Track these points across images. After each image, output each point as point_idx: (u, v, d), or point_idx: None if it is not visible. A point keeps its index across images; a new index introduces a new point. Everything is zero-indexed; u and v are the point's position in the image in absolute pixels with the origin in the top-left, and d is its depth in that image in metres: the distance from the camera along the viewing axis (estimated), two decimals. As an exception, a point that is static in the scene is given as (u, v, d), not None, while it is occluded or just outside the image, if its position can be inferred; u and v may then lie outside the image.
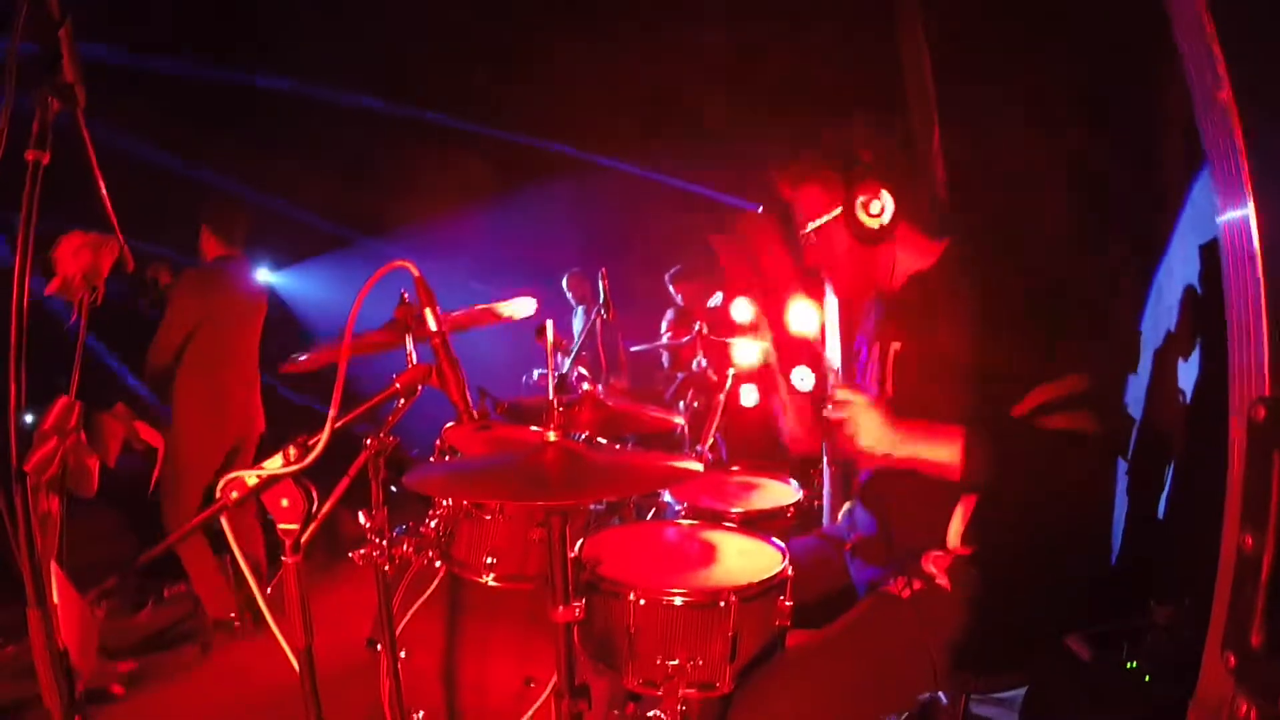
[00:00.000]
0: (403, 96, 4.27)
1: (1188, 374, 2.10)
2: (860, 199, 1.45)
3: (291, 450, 1.17)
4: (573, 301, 5.49)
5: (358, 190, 4.50)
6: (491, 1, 4.22)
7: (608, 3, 3.90)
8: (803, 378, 3.81)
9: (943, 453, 1.35)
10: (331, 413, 1.20)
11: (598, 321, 2.56)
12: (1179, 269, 2.07)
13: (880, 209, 1.45)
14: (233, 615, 3.01)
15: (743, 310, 1.89)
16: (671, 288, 4.99)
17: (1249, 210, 0.78)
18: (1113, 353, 2.24)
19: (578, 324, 5.26)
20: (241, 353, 3.13)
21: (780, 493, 2.07)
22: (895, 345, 1.56)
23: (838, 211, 1.49)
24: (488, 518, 1.66)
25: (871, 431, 1.34)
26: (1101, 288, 2.32)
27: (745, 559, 1.49)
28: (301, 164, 4.03)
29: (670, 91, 4.11)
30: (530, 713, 1.78)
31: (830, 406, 1.37)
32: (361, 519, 1.54)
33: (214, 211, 3.04)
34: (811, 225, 1.55)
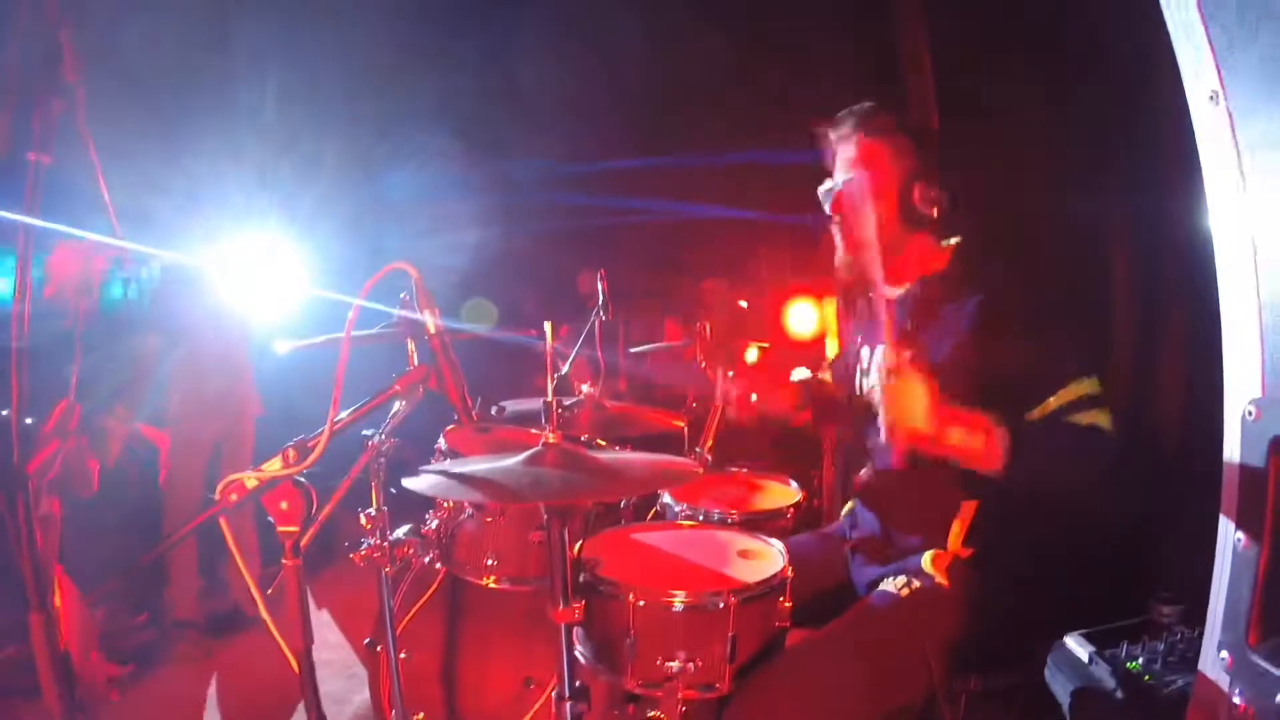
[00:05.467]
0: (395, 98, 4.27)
1: (1185, 374, 2.10)
2: (925, 180, 1.47)
3: (291, 452, 1.18)
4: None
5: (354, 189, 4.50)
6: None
7: (605, 4, 3.90)
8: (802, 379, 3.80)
9: (978, 439, 1.32)
10: (331, 414, 1.20)
11: (596, 323, 2.56)
12: (1176, 267, 2.08)
13: (937, 198, 1.47)
14: (198, 622, 3.01)
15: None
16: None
17: (1243, 209, 0.78)
18: (1113, 351, 2.24)
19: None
20: (222, 351, 3.14)
21: (780, 493, 2.07)
22: (905, 353, 1.54)
23: (897, 178, 1.49)
24: (488, 519, 1.66)
25: (920, 412, 1.31)
26: (1103, 287, 2.33)
27: (744, 560, 1.50)
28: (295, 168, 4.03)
29: (671, 91, 4.11)
30: (530, 714, 1.78)
31: (886, 373, 1.34)
32: (362, 520, 1.54)
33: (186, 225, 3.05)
34: (863, 173, 1.51)
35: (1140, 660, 1.46)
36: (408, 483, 1.23)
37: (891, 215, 1.51)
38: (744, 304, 4.45)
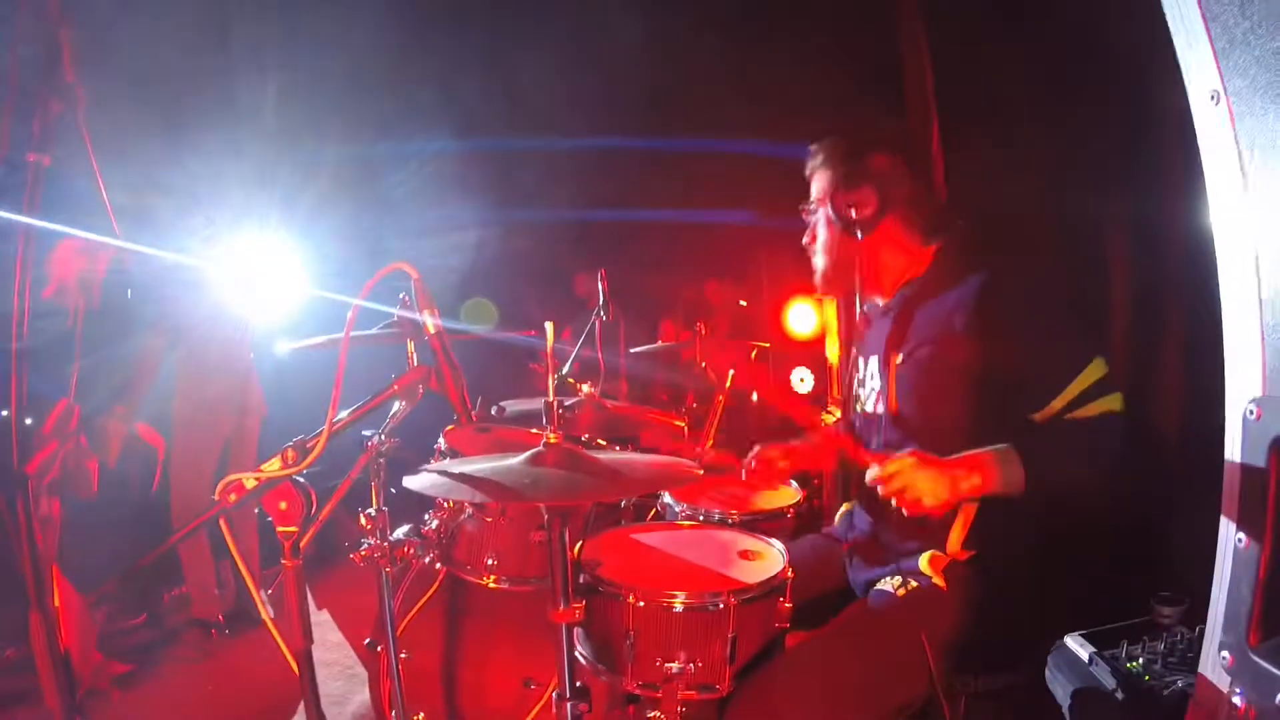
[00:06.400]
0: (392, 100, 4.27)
1: (1184, 374, 2.10)
2: (845, 191, 1.59)
3: (290, 452, 1.17)
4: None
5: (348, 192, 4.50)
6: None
7: (606, 4, 3.90)
8: (802, 379, 3.80)
9: (997, 475, 1.34)
10: (330, 414, 1.20)
11: (597, 323, 2.57)
12: (1176, 267, 2.07)
13: (860, 203, 1.57)
14: (215, 619, 3.03)
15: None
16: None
17: (1244, 208, 0.78)
18: (1113, 351, 2.24)
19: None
20: (223, 351, 3.13)
21: (780, 494, 2.07)
22: (896, 357, 1.55)
23: (827, 198, 1.63)
24: (489, 519, 1.66)
25: (929, 486, 1.33)
26: (1103, 287, 2.33)
27: (745, 560, 1.50)
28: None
29: (672, 91, 4.11)
30: (531, 714, 1.78)
31: (880, 487, 1.37)
32: (362, 520, 1.54)
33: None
34: (811, 204, 1.69)
35: (1141, 661, 1.46)
36: (408, 481, 1.23)
37: (835, 233, 1.64)
38: (744, 303, 4.46)
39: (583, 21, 3.97)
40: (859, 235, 1.59)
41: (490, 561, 1.64)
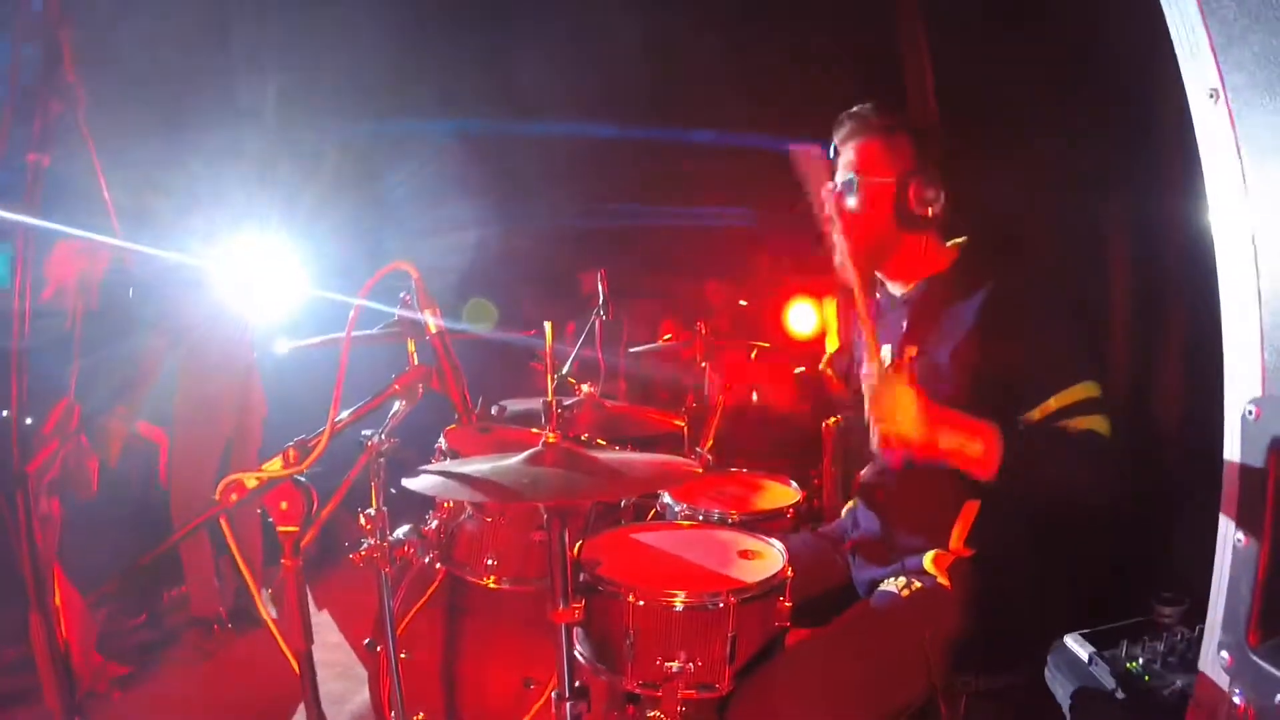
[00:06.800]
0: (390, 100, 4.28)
1: (1184, 374, 2.10)
2: (920, 180, 1.46)
3: (291, 452, 1.18)
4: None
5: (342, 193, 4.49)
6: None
7: (606, 4, 3.90)
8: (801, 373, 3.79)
9: (975, 445, 1.29)
10: (331, 414, 1.20)
11: (596, 322, 2.57)
12: (1176, 267, 2.08)
13: (933, 198, 1.46)
14: (217, 616, 3.03)
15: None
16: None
17: (1243, 206, 0.78)
18: (1113, 351, 2.24)
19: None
20: (224, 350, 3.13)
21: (780, 493, 2.07)
22: (911, 350, 1.53)
23: (892, 180, 1.48)
24: (488, 519, 1.66)
25: (906, 410, 1.28)
26: (1103, 287, 2.33)
27: (745, 560, 1.50)
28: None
29: (672, 91, 4.12)
30: (530, 714, 1.78)
31: (870, 370, 1.32)
32: (362, 520, 1.54)
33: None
34: (857, 178, 1.51)
35: (1140, 661, 1.46)
36: (407, 483, 1.23)
37: (885, 216, 1.50)
38: (744, 303, 4.46)
39: (583, 21, 3.97)
40: (910, 228, 1.50)
41: (490, 561, 1.64)
